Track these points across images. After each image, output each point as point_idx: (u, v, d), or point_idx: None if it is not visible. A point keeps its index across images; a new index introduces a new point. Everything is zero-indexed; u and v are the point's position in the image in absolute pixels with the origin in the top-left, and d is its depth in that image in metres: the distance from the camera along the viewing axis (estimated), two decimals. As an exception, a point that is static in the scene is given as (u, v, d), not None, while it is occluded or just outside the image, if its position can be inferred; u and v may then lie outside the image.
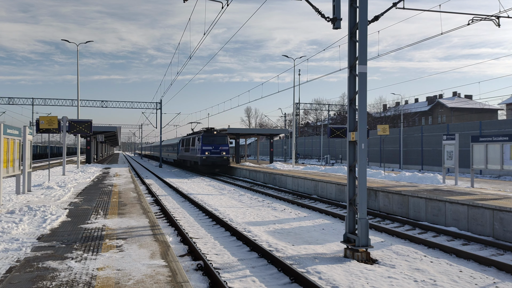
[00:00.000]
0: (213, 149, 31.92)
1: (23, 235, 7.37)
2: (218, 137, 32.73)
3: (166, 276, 5.08)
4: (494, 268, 7.54)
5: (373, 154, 42.81)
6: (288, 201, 16.52)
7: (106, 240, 7.10)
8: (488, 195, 12.26)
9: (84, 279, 4.89)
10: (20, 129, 12.99)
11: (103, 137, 48.95)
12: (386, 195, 14.05)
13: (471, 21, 13.53)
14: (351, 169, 8.54)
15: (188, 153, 37.20)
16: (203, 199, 17.32)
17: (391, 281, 6.69)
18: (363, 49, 8.09)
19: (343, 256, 8.21)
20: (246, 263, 7.75)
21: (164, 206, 14.23)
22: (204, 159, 31.56)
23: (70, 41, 32.52)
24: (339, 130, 25.56)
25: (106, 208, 10.82)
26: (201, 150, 31.80)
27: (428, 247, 9.11)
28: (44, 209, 9.90)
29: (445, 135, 17.46)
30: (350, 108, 8.54)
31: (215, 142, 32.18)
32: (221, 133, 33.28)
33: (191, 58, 23.89)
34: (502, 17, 13.55)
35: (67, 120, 24.45)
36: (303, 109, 60.86)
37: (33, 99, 48.85)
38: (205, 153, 31.65)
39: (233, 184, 24.79)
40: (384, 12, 10.25)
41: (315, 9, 9.15)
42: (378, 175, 20.48)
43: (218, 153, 32.01)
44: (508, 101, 62.36)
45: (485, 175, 28.24)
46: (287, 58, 34.75)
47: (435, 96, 75.48)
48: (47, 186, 15.96)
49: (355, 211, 8.36)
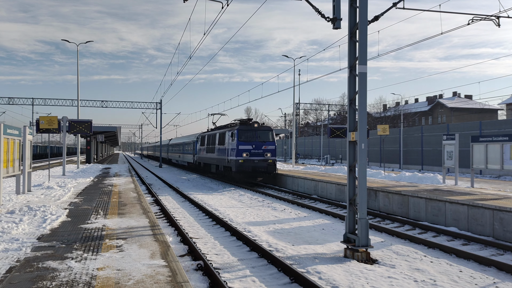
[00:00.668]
0: (253, 148, 22.80)
1: (23, 235, 7.37)
2: (261, 131, 23.50)
3: (166, 276, 5.08)
4: (494, 268, 7.54)
5: (373, 154, 42.81)
6: (288, 201, 16.52)
7: (106, 240, 7.10)
8: (488, 195, 12.25)
9: (84, 279, 4.89)
10: (20, 129, 12.99)
11: (103, 137, 48.95)
12: (386, 195, 14.05)
13: (471, 21, 13.53)
14: (351, 169, 8.54)
15: (212, 155, 27.73)
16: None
17: (391, 281, 6.69)
18: (363, 49, 8.09)
19: (343, 256, 8.21)
20: (246, 263, 7.74)
21: (164, 206, 14.23)
22: (241, 163, 22.40)
23: (70, 41, 32.56)
24: (339, 130, 25.56)
25: (106, 208, 10.82)
26: (236, 151, 22.70)
27: (428, 247, 9.11)
28: (44, 209, 9.90)
29: (445, 135, 17.46)
30: (350, 108, 8.54)
31: (256, 139, 23.08)
32: (264, 126, 23.90)
33: (191, 58, 23.85)
34: (502, 17, 13.55)
35: (67, 120, 24.45)
36: (303, 109, 60.92)
37: (33, 99, 48.87)
38: (242, 155, 22.55)
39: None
40: (384, 12, 10.24)
41: (315, 9, 9.15)
42: (378, 175, 20.48)
43: (261, 154, 22.92)
44: (508, 101, 62.38)
45: (485, 175, 28.24)
46: (287, 58, 34.63)
47: (435, 96, 75.49)
48: (47, 186, 15.96)
49: (355, 211, 8.36)
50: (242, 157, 22.49)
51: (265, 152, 22.96)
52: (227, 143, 24.39)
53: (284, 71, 79.24)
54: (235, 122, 25.78)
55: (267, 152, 22.98)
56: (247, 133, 23.22)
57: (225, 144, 24.66)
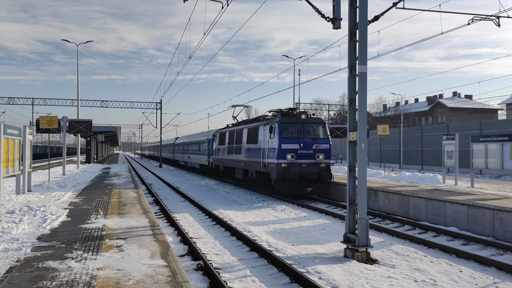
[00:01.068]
0: (301, 148, 16.76)
1: (23, 235, 7.37)
2: (310, 125, 17.39)
3: (166, 276, 5.08)
4: (494, 268, 7.54)
5: (373, 154, 42.80)
6: (288, 201, 16.50)
7: (106, 240, 7.10)
8: (488, 195, 12.25)
9: (84, 279, 4.89)
10: (20, 129, 13.00)
11: (103, 137, 49.00)
12: (386, 195, 14.04)
13: (471, 21, 13.53)
14: (351, 169, 8.54)
15: (238, 156, 21.57)
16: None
17: (391, 281, 6.69)
18: (363, 49, 8.09)
19: (343, 256, 8.21)
20: (246, 263, 7.74)
21: (164, 206, 14.23)
22: (285, 168, 16.42)
23: (70, 41, 32.59)
24: (339, 130, 25.53)
25: (106, 208, 10.82)
26: (277, 151, 16.56)
27: (428, 247, 9.11)
28: (44, 209, 9.90)
29: (445, 135, 17.47)
30: (350, 108, 8.54)
31: (305, 136, 17.00)
32: (315, 118, 17.78)
33: (191, 58, 23.84)
34: (502, 17, 13.55)
35: (67, 120, 24.46)
36: (303, 109, 60.91)
37: (33, 99, 48.85)
38: (285, 157, 16.51)
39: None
40: (384, 12, 10.24)
41: (315, 9, 9.15)
42: (378, 175, 20.49)
43: (312, 156, 16.89)
44: (508, 101, 62.36)
45: (485, 175, 28.23)
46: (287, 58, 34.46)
47: (435, 96, 75.48)
48: (47, 186, 15.97)
49: (355, 211, 8.36)
50: (286, 159, 16.48)
51: (316, 153, 16.88)
52: (262, 141, 18.26)
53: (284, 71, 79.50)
54: (273, 113, 19.36)
55: (320, 153, 16.91)
56: (292, 127, 17.04)
57: (259, 143, 18.59)
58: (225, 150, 24.34)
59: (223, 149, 24.74)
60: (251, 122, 20.96)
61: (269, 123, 17.71)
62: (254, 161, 19.16)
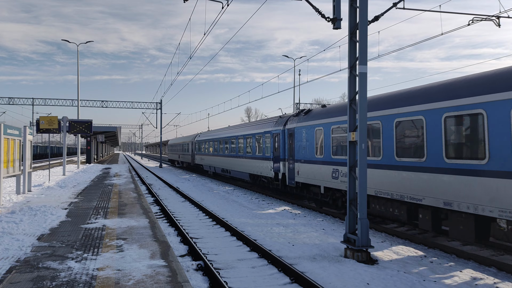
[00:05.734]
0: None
1: (23, 235, 7.37)
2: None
3: (166, 276, 5.08)
4: (494, 268, 7.54)
5: (373, 154, 42.73)
6: (288, 201, 16.50)
7: (106, 240, 7.10)
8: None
9: (84, 279, 4.89)
10: (20, 129, 13.00)
11: (103, 137, 49.02)
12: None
13: (471, 21, 13.52)
14: (351, 169, 8.53)
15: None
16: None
17: (391, 281, 6.69)
18: (363, 49, 8.09)
19: (343, 256, 8.20)
20: (246, 263, 7.74)
21: (164, 206, 14.22)
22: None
23: (71, 41, 32.62)
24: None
25: (106, 208, 10.82)
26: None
27: (428, 247, 9.10)
28: (44, 209, 9.90)
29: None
30: (350, 108, 8.53)
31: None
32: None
33: (191, 58, 23.85)
34: (502, 17, 13.54)
35: (67, 120, 24.48)
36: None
37: (33, 99, 48.87)
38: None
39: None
40: (384, 12, 10.24)
41: (315, 9, 9.15)
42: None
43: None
44: (508, 101, 62.27)
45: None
46: (288, 58, 34.57)
47: (435, 96, 75.37)
48: (47, 186, 15.97)
49: (355, 211, 8.35)
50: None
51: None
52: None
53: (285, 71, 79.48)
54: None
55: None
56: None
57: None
58: (336, 149, 12.76)
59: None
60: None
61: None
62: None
